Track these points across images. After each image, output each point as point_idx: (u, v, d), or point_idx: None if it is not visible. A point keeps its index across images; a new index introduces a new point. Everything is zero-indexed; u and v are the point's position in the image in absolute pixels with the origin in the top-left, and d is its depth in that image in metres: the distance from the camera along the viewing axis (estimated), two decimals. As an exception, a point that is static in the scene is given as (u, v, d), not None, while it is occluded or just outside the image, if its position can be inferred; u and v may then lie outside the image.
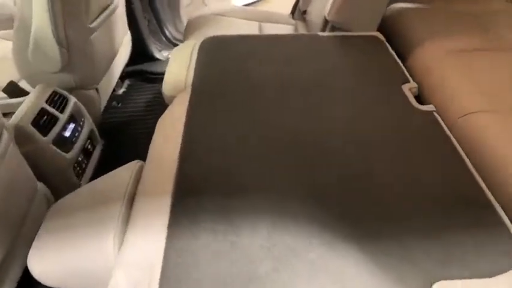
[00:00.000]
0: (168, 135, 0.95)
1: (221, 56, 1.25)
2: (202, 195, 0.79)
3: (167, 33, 2.14)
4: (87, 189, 0.96)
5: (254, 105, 1.05)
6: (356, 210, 0.77)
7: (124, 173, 0.90)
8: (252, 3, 3.06)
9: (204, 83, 1.13)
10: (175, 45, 2.23)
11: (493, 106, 1.32)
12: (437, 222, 0.76)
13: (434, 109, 1.10)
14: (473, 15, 1.83)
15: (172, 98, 1.12)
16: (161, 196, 0.78)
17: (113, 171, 0.94)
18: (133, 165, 0.93)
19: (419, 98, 1.23)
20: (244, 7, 1.93)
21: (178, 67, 1.21)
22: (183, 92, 1.11)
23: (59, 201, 0.92)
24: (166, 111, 1.05)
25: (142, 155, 0.95)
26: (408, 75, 1.23)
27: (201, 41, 1.33)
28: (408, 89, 1.17)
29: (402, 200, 0.80)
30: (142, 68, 2.03)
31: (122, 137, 1.70)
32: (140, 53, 2.01)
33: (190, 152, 0.89)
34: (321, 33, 1.38)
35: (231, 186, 0.81)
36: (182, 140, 0.92)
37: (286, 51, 1.28)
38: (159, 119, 1.04)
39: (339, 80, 1.17)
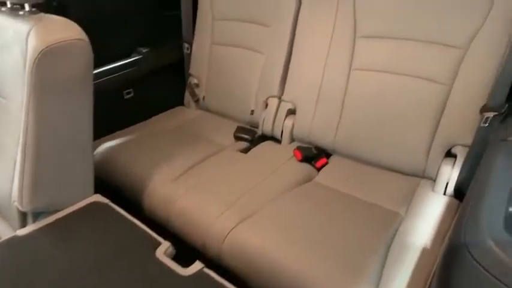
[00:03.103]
0: None
1: None
2: None
3: None
4: None
5: None
6: None
7: None
8: None
9: None
10: None
11: (241, 215, 1.29)
12: None
13: (203, 265, 0.94)
14: (179, 130, 1.89)
15: None
16: None
17: None
18: None
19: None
20: None
21: None
22: None
23: None
24: None
25: None
26: (155, 235, 1.03)
27: None
28: (163, 253, 0.97)
29: None
30: None
31: None
32: None
33: None
34: (20, 232, 1.00)
35: None
36: None
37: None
38: None
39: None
